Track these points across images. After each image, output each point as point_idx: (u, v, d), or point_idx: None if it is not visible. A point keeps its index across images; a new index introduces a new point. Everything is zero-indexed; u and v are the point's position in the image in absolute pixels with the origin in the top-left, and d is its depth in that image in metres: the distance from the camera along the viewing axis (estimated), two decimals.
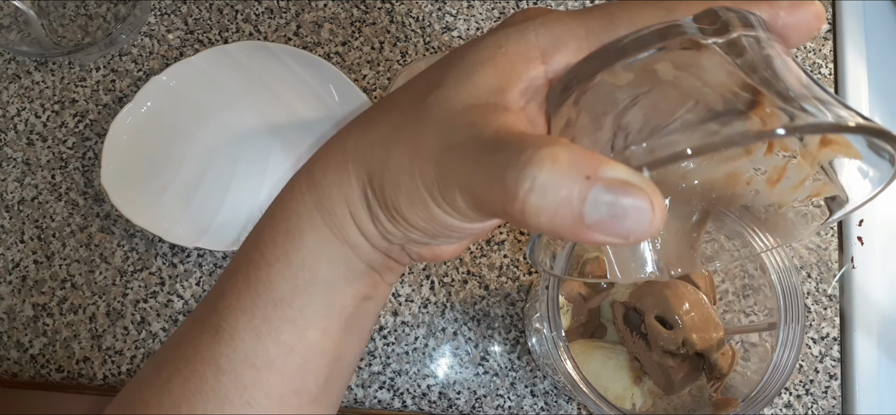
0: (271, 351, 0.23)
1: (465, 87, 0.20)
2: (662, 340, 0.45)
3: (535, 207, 0.17)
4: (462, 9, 0.63)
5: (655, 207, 0.16)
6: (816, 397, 0.54)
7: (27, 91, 0.59)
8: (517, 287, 0.56)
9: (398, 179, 0.20)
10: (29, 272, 0.55)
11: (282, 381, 0.24)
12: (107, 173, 0.53)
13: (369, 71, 0.60)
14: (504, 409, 0.53)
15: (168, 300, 0.55)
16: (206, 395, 0.24)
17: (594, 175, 0.16)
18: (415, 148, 0.20)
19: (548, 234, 0.18)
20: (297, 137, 0.57)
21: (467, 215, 0.20)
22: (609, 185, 0.16)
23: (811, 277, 0.57)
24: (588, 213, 0.16)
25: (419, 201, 0.20)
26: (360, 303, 0.25)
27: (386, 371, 0.53)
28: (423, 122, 0.20)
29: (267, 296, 0.23)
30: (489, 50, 0.20)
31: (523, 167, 0.17)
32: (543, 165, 0.16)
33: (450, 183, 0.19)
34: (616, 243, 0.17)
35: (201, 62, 0.57)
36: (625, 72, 0.19)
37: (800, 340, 0.42)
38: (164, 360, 0.25)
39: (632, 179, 0.16)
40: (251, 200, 0.55)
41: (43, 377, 0.53)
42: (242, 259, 0.24)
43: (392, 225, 0.22)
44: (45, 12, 0.61)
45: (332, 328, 0.24)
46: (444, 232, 0.21)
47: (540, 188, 0.16)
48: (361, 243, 0.23)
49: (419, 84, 0.22)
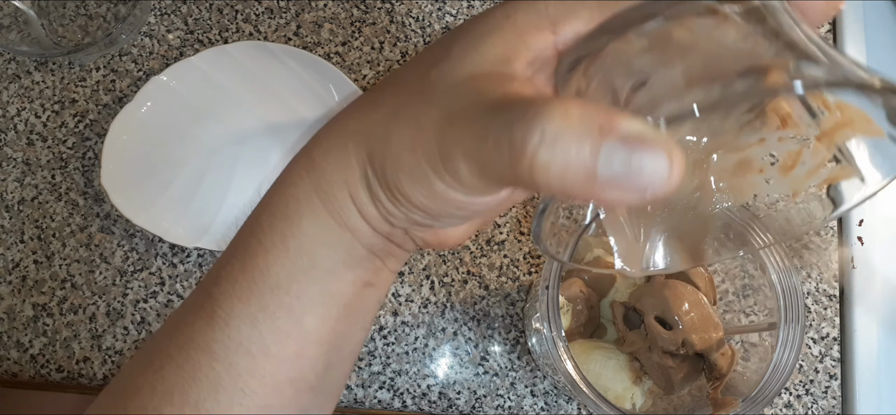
0: (267, 338, 0.23)
1: (469, 58, 0.19)
2: (662, 340, 0.45)
3: (545, 162, 0.16)
4: (462, 9, 0.63)
5: (673, 160, 0.15)
6: (816, 397, 0.54)
7: (27, 91, 0.59)
8: (517, 287, 0.56)
9: (399, 156, 0.20)
10: (29, 272, 0.55)
11: (277, 368, 0.23)
12: (107, 173, 0.53)
13: (369, 71, 0.60)
14: (504, 409, 0.53)
15: (168, 300, 0.55)
16: (200, 382, 0.23)
17: (608, 128, 0.15)
18: (417, 123, 0.19)
19: (558, 193, 0.17)
20: (297, 138, 0.57)
21: (471, 186, 0.19)
22: (624, 138, 0.15)
23: (811, 277, 0.57)
24: (602, 167, 0.15)
25: (421, 177, 0.19)
26: (360, 290, 0.24)
27: (386, 371, 0.53)
28: (426, 96, 0.20)
29: (263, 282, 0.23)
30: (496, 20, 0.20)
31: (531, 120, 0.16)
32: (553, 117, 0.16)
33: (452, 151, 0.18)
34: (630, 200, 0.16)
35: (201, 62, 0.57)
36: (638, 39, 0.18)
37: (800, 340, 0.42)
38: (157, 347, 0.25)
39: (647, 133, 0.15)
40: (251, 200, 0.55)
41: (43, 377, 0.53)
42: (238, 245, 0.24)
43: (394, 205, 0.21)
44: (45, 12, 0.61)
45: (331, 315, 0.23)
46: (448, 210, 0.20)
47: (549, 141, 0.16)
48: (362, 227, 0.22)
49: (423, 59, 0.21)
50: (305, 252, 0.22)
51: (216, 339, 0.23)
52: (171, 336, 0.24)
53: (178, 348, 0.24)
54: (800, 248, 0.57)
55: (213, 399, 0.23)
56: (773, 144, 0.23)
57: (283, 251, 0.22)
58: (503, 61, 0.19)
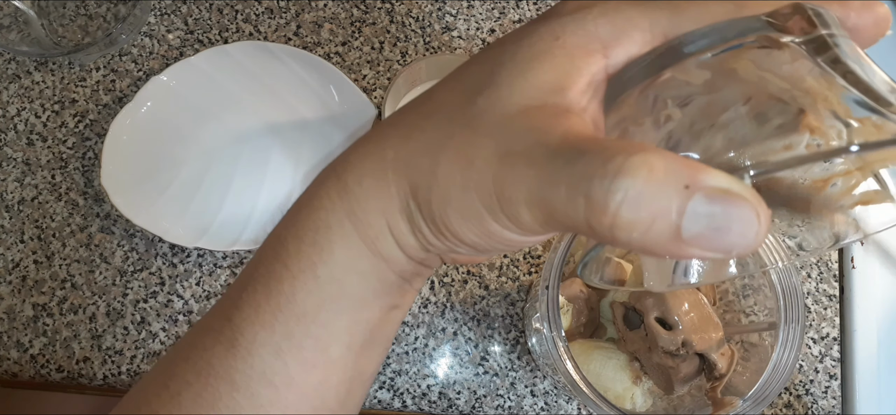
0: (292, 368, 0.22)
1: (519, 87, 0.18)
2: (662, 340, 0.45)
3: (628, 221, 0.15)
4: (462, 9, 0.63)
5: (761, 217, 0.15)
6: (816, 397, 0.54)
7: (27, 91, 0.59)
8: (517, 287, 0.56)
9: (448, 192, 0.19)
10: (29, 272, 0.55)
11: (300, 400, 0.22)
12: (107, 173, 0.53)
13: (369, 71, 0.60)
14: (504, 409, 0.53)
15: (168, 300, 0.55)
16: (220, 412, 0.22)
17: (694, 184, 0.15)
18: (467, 158, 0.18)
19: (637, 250, 0.16)
20: (297, 137, 0.57)
21: (531, 230, 0.18)
22: (710, 195, 0.15)
23: (811, 277, 0.57)
24: (686, 226, 0.15)
25: (474, 217, 0.19)
26: (386, 314, 0.23)
27: (386, 371, 0.54)
28: (475, 128, 0.18)
29: (289, 310, 0.22)
30: (544, 42, 0.18)
31: (614, 178, 0.15)
32: (638, 175, 0.15)
33: (513, 195, 0.17)
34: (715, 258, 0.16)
35: (201, 62, 0.57)
36: (699, 70, 0.17)
37: (800, 340, 0.42)
38: (173, 371, 0.24)
39: (735, 188, 0.15)
40: (251, 200, 0.55)
41: (43, 377, 0.53)
42: (261, 269, 0.23)
43: (438, 239, 0.20)
44: (45, 12, 0.61)
45: (357, 343, 0.23)
46: (498, 247, 0.20)
47: (633, 200, 0.15)
48: (397, 256, 0.21)
49: (464, 82, 0.20)
50: (335, 280, 0.22)
51: (237, 368, 0.22)
52: (188, 360, 0.23)
53: (196, 374, 0.23)
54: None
55: None
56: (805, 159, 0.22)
57: (312, 278, 0.22)
58: (557, 91, 0.18)
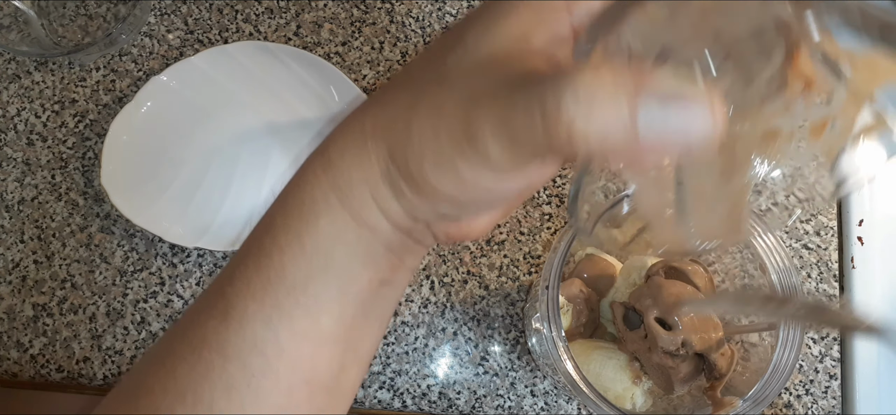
0: (282, 338, 0.22)
1: (486, 40, 0.19)
2: (662, 340, 0.45)
3: (583, 131, 0.15)
4: (462, 9, 0.63)
5: (715, 107, 0.15)
6: (816, 397, 0.54)
7: (27, 91, 0.59)
8: (517, 287, 0.56)
9: (421, 145, 0.19)
10: (29, 272, 0.55)
11: (292, 369, 0.23)
12: (107, 173, 0.53)
13: (369, 71, 0.60)
14: (504, 409, 0.53)
15: (168, 300, 0.55)
16: (213, 382, 0.23)
17: (643, 88, 0.15)
18: (437, 109, 0.19)
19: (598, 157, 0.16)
20: (296, 137, 0.57)
21: (501, 164, 0.18)
22: (660, 98, 0.15)
23: (811, 277, 0.57)
24: (643, 126, 0.15)
25: (447, 162, 0.19)
26: (377, 288, 0.24)
27: (386, 371, 0.54)
28: (444, 83, 0.19)
29: (279, 282, 0.22)
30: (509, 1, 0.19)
31: (563, 85, 0.15)
32: (584, 80, 0.15)
33: (479, 129, 0.18)
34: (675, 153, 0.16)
35: (201, 62, 0.57)
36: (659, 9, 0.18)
37: (800, 340, 0.42)
38: (169, 347, 0.24)
39: (684, 86, 0.15)
40: (251, 200, 0.55)
41: (43, 377, 0.53)
42: (253, 245, 0.23)
43: (419, 198, 0.21)
44: (45, 12, 0.61)
45: (347, 315, 0.23)
46: (476, 196, 0.20)
47: (585, 108, 0.15)
48: (382, 224, 0.22)
49: (436, 49, 0.20)
50: (322, 251, 0.22)
51: (230, 339, 0.23)
52: (184, 336, 0.24)
53: (190, 348, 0.23)
54: (800, 248, 0.57)
55: (226, 400, 0.23)
56: (799, 109, 0.22)
57: (299, 250, 0.22)
58: (521, 39, 0.19)
